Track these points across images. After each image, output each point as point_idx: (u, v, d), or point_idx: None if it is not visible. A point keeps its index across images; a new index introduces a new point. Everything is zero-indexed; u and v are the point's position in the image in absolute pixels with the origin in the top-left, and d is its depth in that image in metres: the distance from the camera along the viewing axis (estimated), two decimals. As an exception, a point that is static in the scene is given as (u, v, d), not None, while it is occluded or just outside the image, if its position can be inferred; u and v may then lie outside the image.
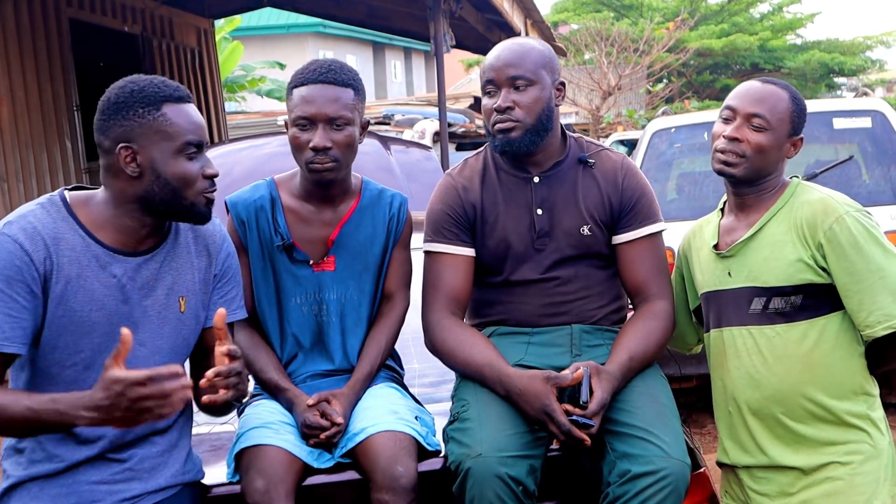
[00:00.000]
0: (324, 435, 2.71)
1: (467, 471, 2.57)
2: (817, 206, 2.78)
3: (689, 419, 6.75)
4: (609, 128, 19.58)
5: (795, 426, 2.80)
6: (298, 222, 2.95)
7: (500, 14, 11.47)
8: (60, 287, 2.37)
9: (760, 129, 2.81)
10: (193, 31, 12.76)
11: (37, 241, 2.36)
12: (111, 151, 2.41)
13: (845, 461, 2.78)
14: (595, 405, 2.66)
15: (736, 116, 2.85)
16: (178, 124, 2.42)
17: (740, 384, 2.85)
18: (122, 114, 2.39)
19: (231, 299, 2.65)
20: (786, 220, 2.81)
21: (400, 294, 3.01)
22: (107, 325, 2.43)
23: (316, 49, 28.25)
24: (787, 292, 2.78)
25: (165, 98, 2.42)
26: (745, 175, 2.84)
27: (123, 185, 2.43)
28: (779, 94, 2.85)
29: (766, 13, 28.70)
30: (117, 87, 2.43)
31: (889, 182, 6.36)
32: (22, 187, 8.59)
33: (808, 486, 2.80)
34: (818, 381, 2.78)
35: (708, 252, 2.94)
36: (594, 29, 22.12)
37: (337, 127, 2.84)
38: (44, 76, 9.11)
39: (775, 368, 2.80)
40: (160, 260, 2.51)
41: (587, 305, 2.97)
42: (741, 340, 2.85)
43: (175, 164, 2.41)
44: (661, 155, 7.09)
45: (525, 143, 2.90)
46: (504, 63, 2.91)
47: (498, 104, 2.89)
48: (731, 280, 2.87)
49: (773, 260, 2.79)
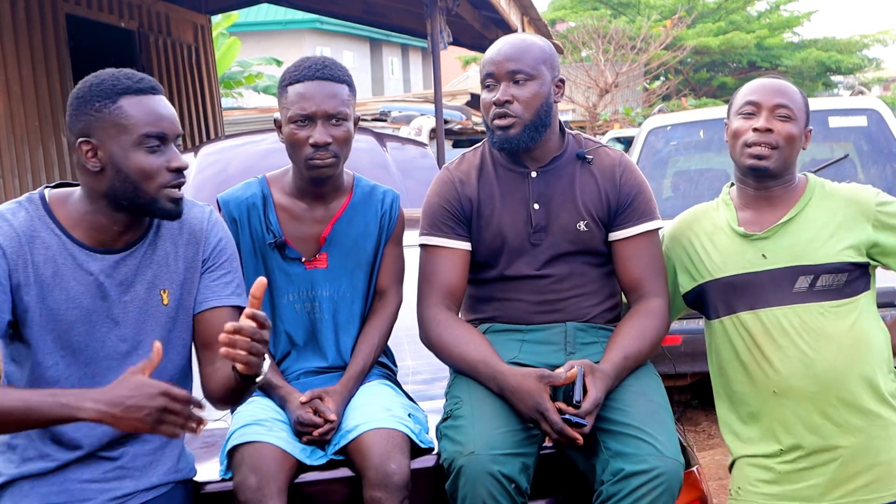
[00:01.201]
0: (317, 432, 2.71)
1: (460, 468, 2.57)
2: (852, 188, 2.94)
3: (683, 417, 6.76)
4: (606, 125, 19.56)
5: (841, 410, 2.83)
6: (290, 220, 2.94)
7: (496, 11, 11.46)
8: (36, 286, 2.37)
9: (787, 118, 2.87)
10: (190, 26, 12.74)
11: (11, 236, 2.36)
12: (75, 148, 2.41)
13: (880, 444, 2.84)
14: (589, 404, 2.66)
15: (761, 110, 2.87)
16: (135, 116, 2.38)
17: (789, 369, 2.84)
18: (81, 108, 2.40)
19: (225, 283, 2.60)
20: (824, 207, 2.89)
21: (393, 290, 3.01)
22: (86, 323, 2.43)
23: (313, 45, 28.24)
24: (836, 269, 2.84)
25: (123, 91, 2.39)
26: (777, 167, 2.87)
27: (90, 180, 2.42)
28: (793, 87, 2.94)
29: (764, 11, 28.71)
30: (81, 82, 2.43)
31: (884, 180, 6.37)
32: (17, 182, 8.58)
33: (851, 472, 2.84)
34: (867, 359, 2.85)
35: (729, 235, 2.94)
36: (591, 26, 22.11)
37: (335, 123, 2.84)
38: (39, 72, 9.09)
39: (826, 348, 2.83)
40: (139, 255, 2.49)
41: (581, 303, 2.97)
42: (787, 321, 2.85)
43: (134, 157, 2.38)
44: (657, 153, 7.10)
45: (523, 139, 2.90)
46: (504, 57, 2.91)
47: (497, 97, 2.89)
48: (768, 262, 2.88)
49: (818, 240, 2.85)
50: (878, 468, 2.84)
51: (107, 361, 2.47)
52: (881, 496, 2.84)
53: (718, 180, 6.22)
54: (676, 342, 5.76)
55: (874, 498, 2.84)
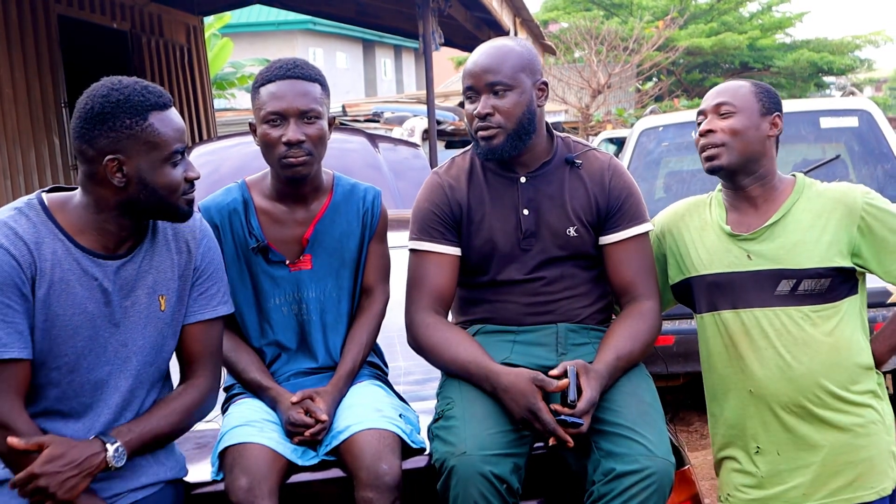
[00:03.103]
0: (308, 432, 2.71)
1: (451, 469, 2.58)
2: (840, 188, 2.94)
3: (675, 417, 6.77)
4: (599, 126, 19.58)
5: (817, 412, 2.87)
6: (272, 223, 2.94)
7: (488, 12, 11.47)
8: (43, 292, 2.38)
9: (728, 114, 2.92)
10: (183, 27, 12.73)
11: (20, 246, 2.36)
12: (95, 161, 2.39)
13: (860, 442, 2.87)
14: (584, 404, 2.66)
15: (707, 115, 2.96)
16: (166, 133, 2.41)
17: (765, 372, 2.88)
18: (108, 124, 2.37)
19: (212, 295, 2.64)
20: (810, 209, 2.90)
21: (379, 288, 3.01)
22: (90, 328, 2.44)
23: (305, 46, 28.23)
24: (818, 275, 2.85)
25: (151, 107, 2.40)
26: (732, 162, 2.90)
27: (106, 192, 2.42)
28: (737, 83, 3.00)
29: (756, 12, 28.79)
30: (100, 96, 2.39)
31: (875, 181, 6.38)
32: (9, 184, 8.56)
33: (832, 471, 2.87)
34: (845, 364, 2.87)
35: (716, 233, 2.97)
36: (584, 27, 22.13)
37: (308, 120, 2.83)
38: (32, 73, 9.08)
39: (803, 354, 2.85)
40: (139, 260, 2.51)
41: (573, 305, 2.97)
42: (767, 322, 2.88)
43: (162, 173, 2.41)
44: (649, 154, 7.10)
45: (507, 148, 2.90)
46: (482, 69, 2.90)
47: (478, 111, 2.89)
48: (752, 263, 2.90)
49: (804, 244, 2.87)
50: (859, 465, 2.87)
51: (108, 366, 2.48)
52: (864, 494, 2.87)
53: (710, 181, 6.27)
54: (669, 342, 5.77)
55: (857, 496, 2.87)
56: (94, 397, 2.47)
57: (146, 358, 2.52)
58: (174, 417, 2.55)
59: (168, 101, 2.45)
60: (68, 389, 2.44)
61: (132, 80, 2.45)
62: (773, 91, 3.00)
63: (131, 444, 2.45)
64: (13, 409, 2.35)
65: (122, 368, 2.49)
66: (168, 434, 2.56)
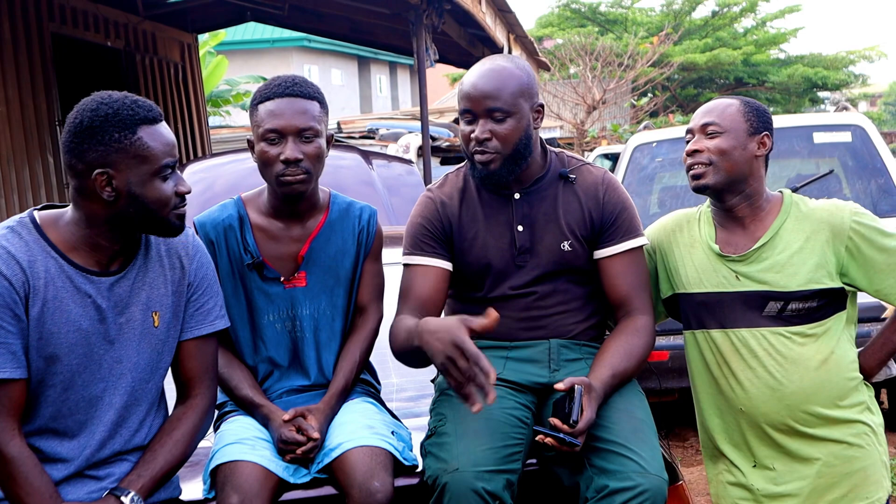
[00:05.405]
0: (300, 450, 2.70)
1: (444, 485, 2.57)
2: (828, 208, 2.93)
3: (670, 433, 6.76)
4: (593, 142, 19.61)
5: (806, 430, 2.89)
6: (267, 240, 2.94)
7: (482, 29, 11.47)
8: (37, 310, 2.38)
9: (715, 134, 2.92)
10: (177, 45, 12.75)
11: (12, 265, 2.36)
12: (85, 175, 2.39)
13: (853, 453, 2.88)
14: (584, 424, 2.65)
15: (694, 134, 2.97)
16: (155, 147, 2.40)
17: (756, 391, 2.89)
18: (97, 138, 2.37)
19: (209, 309, 2.64)
20: (798, 230, 2.90)
21: (373, 307, 3.00)
22: (84, 346, 2.43)
23: (300, 63, 28.27)
24: (806, 296, 2.86)
25: (140, 120, 2.40)
26: (718, 182, 2.91)
27: (96, 207, 2.42)
28: (726, 101, 2.99)
29: (750, 28, 28.90)
30: (89, 110, 2.39)
31: (869, 196, 6.38)
32: (3, 203, 8.56)
33: (828, 483, 2.88)
34: (835, 381, 2.87)
35: (705, 252, 2.97)
36: (578, 43, 22.22)
37: (306, 139, 2.83)
38: (25, 91, 9.09)
39: (794, 372, 2.86)
40: (133, 277, 2.50)
41: (565, 320, 2.97)
42: (756, 342, 2.89)
43: (152, 187, 2.41)
44: (643, 169, 7.11)
45: (504, 173, 2.89)
46: (481, 94, 2.87)
47: (476, 135, 2.88)
48: (741, 284, 2.91)
49: (791, 266, 2.87)
50: (854, 476, 2.88)
51: (102, 383, 2.47)
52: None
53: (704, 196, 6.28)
54: (664, 358, 5.76)
55: None
56: (89, 414, 2.47)
57: (141, 375, 2.51)
58: (178, 449, 2.56)
59: (158, 114, 2.45)
60: (63, 407, 2.44)
61: (122, 94, 2.44)
62: (763, 109, 3.00)
63: (145, 489, 2.47)
64: (5, 431, 2.35)
65: (116, 385, 2.48)
66: (177, 466, 2.57)
